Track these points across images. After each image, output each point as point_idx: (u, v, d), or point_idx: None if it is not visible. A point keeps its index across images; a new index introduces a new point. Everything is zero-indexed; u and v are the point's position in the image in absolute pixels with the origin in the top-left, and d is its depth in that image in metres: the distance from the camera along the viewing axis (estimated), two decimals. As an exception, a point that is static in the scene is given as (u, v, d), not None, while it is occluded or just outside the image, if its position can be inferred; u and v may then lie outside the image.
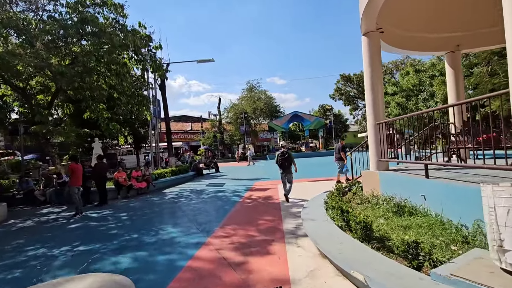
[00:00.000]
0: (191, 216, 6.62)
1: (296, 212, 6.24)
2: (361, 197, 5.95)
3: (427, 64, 22.61)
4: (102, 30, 8.80)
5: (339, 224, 4.14)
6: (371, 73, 5.88)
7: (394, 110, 23.44)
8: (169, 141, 17.05)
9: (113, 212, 7.76)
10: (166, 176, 13.29)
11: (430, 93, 18.14)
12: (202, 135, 39.57)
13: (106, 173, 9.47)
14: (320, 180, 11.16)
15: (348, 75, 44.77)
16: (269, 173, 15.65)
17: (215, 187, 11.60)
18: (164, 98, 17.16)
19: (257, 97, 38.12)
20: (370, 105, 5.91)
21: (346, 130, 50.02)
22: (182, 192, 10.72)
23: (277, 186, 10.39)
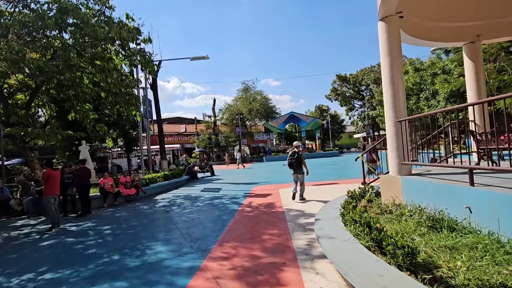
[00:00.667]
0: (184, 229, 5.77)
1: (304, 223, 5.43)
2: (380, 206, 5.18)
3: (426, 63, 22.14)
4: (84, 21, 7.91)
5: (366, 244, 3.35)
6: (390, 63, 5.13)
7: (394, 110, 22.86)
8: (162, 143, 16.14)
9: (95, 225, 6.85)
10: (158, 181, 12.38)
11: (433, 92, 17.61)
12: (197, 137, 38.59)
13: (89, 179, 8.54)
14: (323, 184, 10.39)
15: (344, 75, 44.36)
16: (266, 177, 14.83)
17: (211, 192, 10.74)
18: (156, 98, 16.25)
19: (252, 97, 37.33)
20: (389, 101, 5.16)
21: (342, 131, 49.56)
22: (174, 199, 9.83)
23: (278, 191, 9.61)
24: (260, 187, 11.10)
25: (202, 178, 16.91)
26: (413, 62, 22.34)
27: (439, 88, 17.16)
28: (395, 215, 4.54)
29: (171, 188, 12.61)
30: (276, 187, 10.77)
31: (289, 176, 7.86)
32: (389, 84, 5.14)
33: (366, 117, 41.96)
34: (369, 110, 41.88)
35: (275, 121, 36.24)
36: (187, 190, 11.97)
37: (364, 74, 43.60)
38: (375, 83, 41.69)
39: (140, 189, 10.32)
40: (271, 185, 11.54)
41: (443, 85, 16.63)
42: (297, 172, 7.46)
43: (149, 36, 8.76)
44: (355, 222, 3.87)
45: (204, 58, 13.91)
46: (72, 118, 11.00)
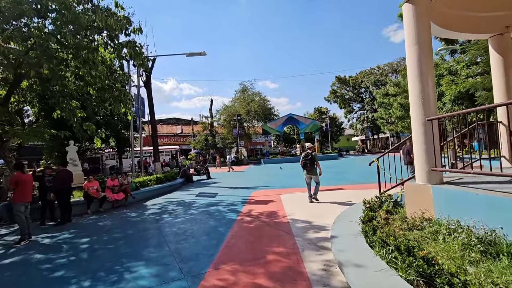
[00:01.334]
0: (173, 243, 4.93)
1: (315, 239, 4.63)
2: (406, 220, 4.40)
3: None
4: (67, 7, 7.07)
5: (408, 278, 2.55)
6: (418, 52, 4.37)
7: (396, 112, 22.25)
8: (155, 144, 15.27)
9: (72, 236, 5.98)
10: (150, 185, 11.51)
11: (439, 93, 17.01)
12: (193, 138, 37.71)
13: (71, 183, 7.67)
14: (328, 189, 9.60)
15: (343, 77, 43.82)
16: (266, 180, 14.02)
17: (206, 198, 9.90)
18: (150, 97, 15.40)
19: (250, 98, 36.60)
20: (417, 96, 4.39)
21: (341, 133, 48.98)
22: (166, 205, 8.98)
23: (280, 198, 8.79)
24: (260, 192, 10.28)
25: (198, 182, 16.05)
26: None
27: (445, 90, 16.52)
28: (428, 232, 3.76)
29: (164, 192, 11.74)
30: (277, 192, 9.96)
31: (290, 180, 7.44)
32: (417, 76, 4.38)
33: (366, 120, 41.39)
34: (369, 112, 41.33)
35: (274, 123, 35.51)
36: (181, 195, 11.11)
37: (364, 76, 43.11)
38: (375, 85, 41.19)
39: (129, 194, 9.45)
40: (272, 190, 10.73)
41: (450, 87, 16.00)
42: (310, 173, 7.56)
43: (140, 26, 7.95)
44: (386, 245, 3.07)
45: (201, 54, 13.12)
46: (58, 116, 10.13)
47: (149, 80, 15.27)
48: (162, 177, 12.57)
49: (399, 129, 23.41)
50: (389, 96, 24.45)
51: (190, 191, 12.15)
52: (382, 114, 25.37)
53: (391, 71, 41.87)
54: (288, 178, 14.70)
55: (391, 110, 23.02)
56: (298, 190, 10.09)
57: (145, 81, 15.25)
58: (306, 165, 7.54)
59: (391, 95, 24.42)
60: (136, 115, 13.08)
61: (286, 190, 10.37)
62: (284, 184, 12.03)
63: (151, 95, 15.38)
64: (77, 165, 11.85)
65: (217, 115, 36.99)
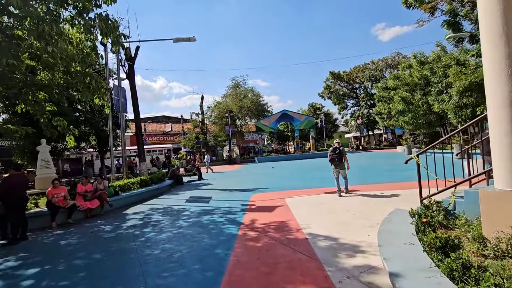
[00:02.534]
0: (153, 277, 3.51)
1: (354, 268, 3.29)
2: (483, 241, 3.11)
3: (431, 56, 20.61)
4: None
5: None
6: (504, 3, 3.06)
7: (397, 106, 21.23)
8: (140, 143, 13.67)
9: (19, 263, 4.47)
10: (133, 189, 9.98)
11: (446, 85, 16.01)
12: (183, 136, 36.00)
13: (25, 191, 6.10)
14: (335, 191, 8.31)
15: (337, 72, 42.85)
16: (264, 181, 12.66)
17: (198, 203, 8.45)
18: (134, 90, 13.77)
19: (243, 94, 35.09)
20: (502, 63, 3.08)
21: (335, 130, 48.09)
22: (150, 214, 7.50)
23: (285, 202, 7.45)
24: (261, 196, 8.91)
25: (189, 183, 14.56)
26: (418, 55, 20.80)
27: (453, 81, 15.50)
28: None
29: (150, 197, 10.23)
30: (280, 195, 8.62)
31: (291, 181, 6.86)
32: (501, 36, 3.07)
33: (361, 116, 40.55)
34: (364, 108, 40.49)
35: (267, 120, 34.16)
36: (169, 200, 9.63)
37: (358, 71, 42.23)
38: (370, 80, 40.35)
39: (105, 201, 7.92)
40: (273, 192, 9.38)
41: (458, 77, 14.98)
42: (339, 167, 7.73)
43: (114, -6, 6.38)
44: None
45: (190, 40, 11.60)
46: (21, 110, 8.48)
47: (132, 71, 13.64)
48: (147, 179, 11.04)
49: (399, 124, 22.42)
50: (389, 90, 23.43)
51: (180, 194, 10.67)
52: (381, 108, 24.34)
53: (386, 66, 41.13)
54: (288, 178, 13.40)
55: (391, 104, 21.99)
56: (304, 192, 8.79)
57: (127, 72, 13.62)
58: (334, 160, 7.68)
59: (391, 89, 23.40)
60: (117, 108, 11.47)
61: (290, 192, 9.04)
62: (286, 186, 10.70)
63: (134, 88, 13.75)
64: (50, 167, 10.23)
65: (208, 112, 35.38)
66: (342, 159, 7.72)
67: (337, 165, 7.73)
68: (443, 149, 17.78)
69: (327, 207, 6.61)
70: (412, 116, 20.78)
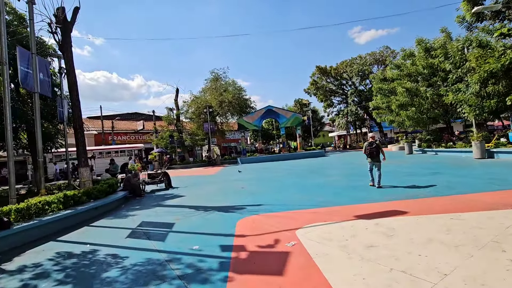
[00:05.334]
0: None
1: None
2: None
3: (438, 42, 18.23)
4: None
5: None
6: None
7: (400, 98, 18.68)
8: (80, 142, 9.83)
9: None
10: (48, 212, 6.29)
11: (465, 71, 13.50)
12: (156, 134, 31.83)
13: None
14: (370, 214, 5.19)
15: (324, 67, 40.36)
16: (252, 190, 9.33)
17: (146, 243, 4.96)
18: (71, 67, 9.90)
19: (223, 88, 31.52)
20: None
21: (321, 128, 45.70)
22: (37, 277, 3.91)
23: (296, 237, 4.22)
24: (252, 222, 5.58)
25: (151, 194, 10.93)
26: (422, 41, 18.38)
27: (475, 66, 12.99)
28: None
29: (80, 223, 6.59)
30: (282, 221, 5.37)
31: (289, 191, 6.95)
32: None
33: (349, 113, 38.28)
34: (352, 105, 38.26)
35: (250, 116, 30.84)
36: (103, 232, 6.04)
37: (346, 66, 39.94)
38: (358, 75, 38.20)
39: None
40: (270, 214, 6.08)
41: (483, 61, 12.45)
42: (375, 160, 8.01)
43: None
44: None
45: None
46: None
47: (68, 40, 9.78)
48: (77, 194, 7.32)
49: (400, 120, 19.92)
50: (388, 82, 20.92)
51: (128, 218, 7.07)
52: (379, 102, 21.80)
53: (374, 61, 39.19)
54: (282, 187, 10.17)
55: (392, 97, 19.43)
56: (316, 214, 5.61)
57: (60, 41, 9.76)
58: (372, 153, 7.99)
59: (390, 80, 20.90)
60: (26, 86, 7.63)
61: (295, 214, 5.82)
62: (284, 200, 7.48)
63: (72, 64, 9.89)
64: None
65: (184, 107, 31.42)
66: (379, 152, 8.01)
67: (374, 158, 8.01)
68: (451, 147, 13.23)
69: (381, 250, 3.43)
70: (416, 110, 18.31)
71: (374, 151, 7.98)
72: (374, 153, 7.97)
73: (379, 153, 7.99)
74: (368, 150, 8.07)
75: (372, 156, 8.00)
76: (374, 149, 7.99)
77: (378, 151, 7.98)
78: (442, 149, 18.25)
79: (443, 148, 18.32)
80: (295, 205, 6.74)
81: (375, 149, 7.99)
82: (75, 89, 10.11)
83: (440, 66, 17.11)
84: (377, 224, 4.74)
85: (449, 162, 13.35)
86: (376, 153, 7.96)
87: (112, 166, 13.03)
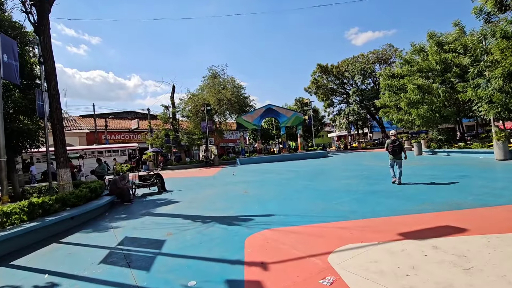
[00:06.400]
0: None
1: None
2: None
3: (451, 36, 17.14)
4: None
5: None
6: None
7: (411, 96, 17.55)
8: (58, 138, 8.51)
9: None
10: (7, 226, 5.00)
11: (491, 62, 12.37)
12: (151, 133, 30.43)
13: None
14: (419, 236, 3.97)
15: (325, 65, 39.22)
16: (260, 198, 8.06)
17: (123, 272, 3.70)
18: (48, 52, 8.59)
19: (222, 85, 30.24)
20: None
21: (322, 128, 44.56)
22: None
23: (332, 269, 2.89)
24: (266, 241, 4.32)
25: (142, 199, 9.62)
26: (434, 35, 17.28)
27: (499, 58, 11.87)
28: None
29: (47, 238, 5.31)
30: (303, 237, 4.16)
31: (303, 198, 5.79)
32: None
33: (351, 113, 37.16)
34: (355, 104, 37.14)
35: (250, 115, 29.54)
36: (73, 252, 4.73)
37: (347, 64, 38.84)
38: (361, 74, 37.13)
39: None
40: (287, 229, 4.83)
41: (510, 53, 11.32)
42: (397, 157, 8.15)
43: None
44: None
45: None
46: None
47: (44, 23, 8.47)
48: (47, 202, 6.02)
49: (410, 119, 18.79)
50: (397, 78, 19.79)
51: (109, 231, 5.78)
52: (387, 100, 20.65)
53: (376, 59, 38.16)
54: (294, 194, 8.92)
55: (402, 94, 18.29)
56: (350, 230, 4.28)
57: (36, 22, 8.44)
58: (395, 151, 8.11)
59: (398, 76, 19.77)
60: None
61: (319, 228, 4.58)
62: (302, 210, 6.24)
63: (50, 50, 8.58)
64: None
65: (181, 105, 30.07)
66: (402, 150, 8.12)
67: (397, 155, 8.13)
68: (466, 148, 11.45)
69: None
70: (428, 108, 17.18)
71: (397, 149, 8.10)
72: (397, 150, 8.11)
73: (402, 150, 8.11)
74: (391, 147, 8.16)
75: (394, 154, 8.15)
76: (397, 147, 8.10)
77: (401, 149, 8.11)
78: (454, 150, 17.13)
79: (456, 148, 17.21)
80: (314, 216, 5.50)
81: (398, 146, 8.11)
82: (54, 79, 8.82)
83: (454, 61, 16.00)
84: (436, 247, 3.52)
85: (470, 163, 12.20)
86: (399, 151, 8.09)
87: (99, 167, 11.68)
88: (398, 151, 8.10)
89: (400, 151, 8.11)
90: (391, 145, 8.20)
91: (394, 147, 8.12)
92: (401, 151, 8.11)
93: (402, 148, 8.13)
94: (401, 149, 8.11)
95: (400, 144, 8.18)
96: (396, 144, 8.14)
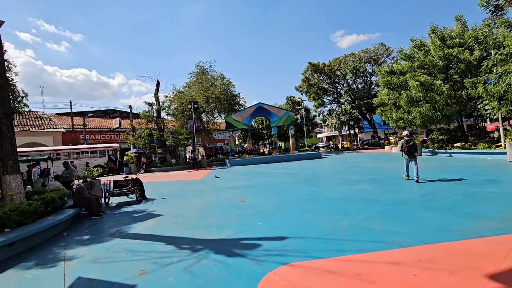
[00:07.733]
0: None
1: None
2: None
3: (455, 31, 16.32)
4: None
5: None
6: None
7: (413, 93, 16.57)
8: (5, 136, 6.72)
9: None
10: None
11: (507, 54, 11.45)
12: (133, 133, 28.31)
13: None
14: None
15: (317, 63, 38.24)
16: (257, 206, 6.55)
17: None
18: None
19: (210, 82, 28.54)
20: None
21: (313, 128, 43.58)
22: None
23: None
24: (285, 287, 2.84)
25: (116, 211, 7.90)
26: (436, 29, 16.40)
27: (514, 51, 10.94)
28: None
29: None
30: (343, 279, 2.66)
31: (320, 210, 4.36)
32: None
33: (343, 112, 36.31)
34: (347, 104, 36.33)
35: (240, 114, 27.97)
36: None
37: (340, 63, 38.01)
38: (352, 72, 36.37)
39: None
40: (312, 262, 3.36)
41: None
42: (412, 157, 8.42)
43: None
44: None
45: None
46: None
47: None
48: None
49: (410, 118, 17.85)
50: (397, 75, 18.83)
51: (58, 265, 4.13)
52: (385, 98, 19.68)
53: (368, 59, 37.54)
54: (298, 198, 7.45)
55: (403, 92, 17.31)
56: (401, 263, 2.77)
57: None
58: (410, 151, 8.42)
59: (398, 73, 18.82)
60: None
61: (360, 264, 3.13)
62: (315, 224, 4.80)
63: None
64: None
65: (166, 103, 28.12)
66: (416, 150, 8.54)
67: (411, 154, 8.43)
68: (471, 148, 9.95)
69: None
70: (430, 106, 16.25)
71: (412, 149, 8.45)
72: (412, 150, 8.44)
73: (416, 150, 8.55)
74: (407, 147, 8.50)
75: (410, 153, 8.47)
76: (412, 147, 8.46)
77: (416, 148, 8.54)
78: (458, 151, 16.30)
79: (459, 149, 16.38)
80: (342, 241, 4.08)
81: (412, 146, 8.47)
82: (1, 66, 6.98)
83: (459, 56, 15.12)
84: None
85: (482, 165, 11.22)
86: (414, 150, 8.46)
87: (65, 171, 9.83)
88: (413, 151, 8.47)
89: (415, 151, 8.50)
90: (406, 145, 8.54)
91: (409, 147, 8.47)
92: (416, 151, 8.52)
93: (416, 147, 8.60)
94: (415, 149, 8.51)
95: (415, 144, 8.61)
96: (411, 144, 8.50)
